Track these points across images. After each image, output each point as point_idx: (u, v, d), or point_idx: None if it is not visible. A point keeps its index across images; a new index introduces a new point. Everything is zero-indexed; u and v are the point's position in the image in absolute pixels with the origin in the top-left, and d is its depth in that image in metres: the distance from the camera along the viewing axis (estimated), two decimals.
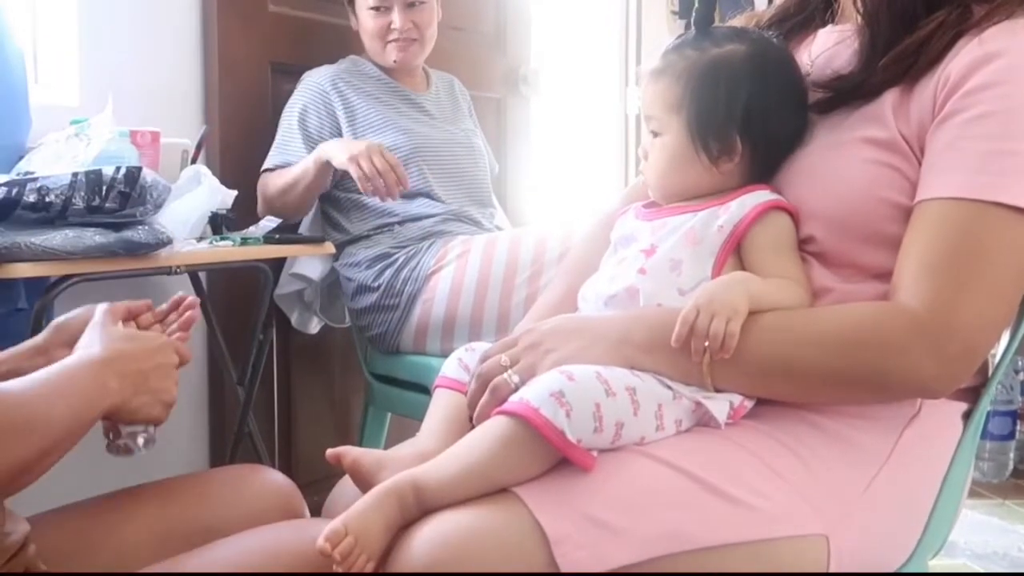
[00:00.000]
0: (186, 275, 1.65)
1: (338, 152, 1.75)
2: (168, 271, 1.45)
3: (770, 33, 0.97)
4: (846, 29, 0.97)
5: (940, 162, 0.84)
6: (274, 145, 1.90)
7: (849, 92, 0.91)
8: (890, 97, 0.88)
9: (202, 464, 1.94)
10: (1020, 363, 2.65)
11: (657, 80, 0.95)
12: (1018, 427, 2.62)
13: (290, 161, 1.86)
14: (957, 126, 0.84)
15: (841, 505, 0.85)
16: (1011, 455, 2.59)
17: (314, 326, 2.07)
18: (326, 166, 1.78)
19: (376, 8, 1.91)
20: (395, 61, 1.95)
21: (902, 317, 0.81)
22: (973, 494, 0.99)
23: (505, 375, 0.87)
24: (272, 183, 1.85)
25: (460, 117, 2.11)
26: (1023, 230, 0.82)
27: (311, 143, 1.87)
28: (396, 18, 1.91)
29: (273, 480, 0.98)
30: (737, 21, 1.07)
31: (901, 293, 0.83)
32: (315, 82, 1.91)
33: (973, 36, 0.86)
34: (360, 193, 1.88)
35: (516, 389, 0.84)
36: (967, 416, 0.96)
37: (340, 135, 1.89)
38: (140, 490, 0.94)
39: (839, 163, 0.90)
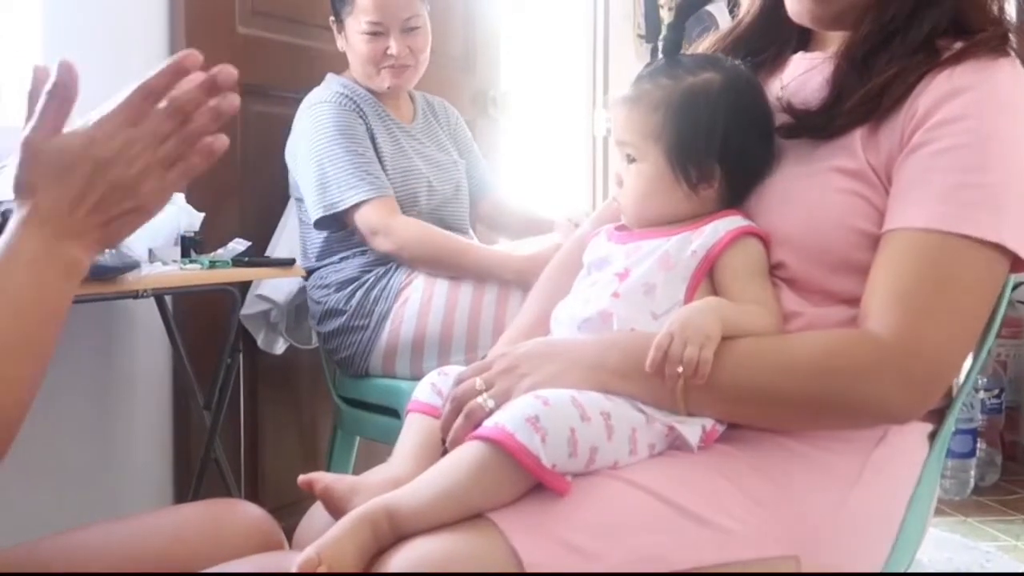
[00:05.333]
0: (152, 298, 1.63)
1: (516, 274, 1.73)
2: (134, 295, 1.43)
3: (739, 62, 0.99)
4: (816, 57, 0.99)
5: (908, 193, 0.86)
6: (353, 175, 1.78)
7: (815, 130, 0.93)
8: (859, 130, 0.90)
9: (167, 489, 1.91)
10: (980, 382, 2.70)
11: (632, 109, 0.95)
12: (979, 445, 2.67)
13: (388, 192, 1.80)
14: (925, 158, 0.86)
15: (812, 526, 0.85)
16: (972, 473, 2.63)
17: (280, 347, 2.05)
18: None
19: (372, 33, 1.85)
20: (389, 87, 1.90)
21: (871, 345, 0.83)
22: (936, 512, 1.00)
23: (480, 399, 0.87)
24: (435, 241, 1.79)
25: (446, 144, 2.06)
26: (987, 261, 0.84)
27: (376, 164, 1.83)
28: (393, 44, 1.85)
29: (251, 514, 0.93)
30: (706, 43, 1.09)
31: (870, 321, 0.84)
32: (339, 103, 1.83)
33: (940, 72, 0.88)
34: (346, 229, 1.85)
35: (491, 413, 0.84)
36: (932, 436, 0.98)
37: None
38: (109, 526, 0.89)
39: (810, 192, 0.91)
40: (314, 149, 1.80)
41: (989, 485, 2.70)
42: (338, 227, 1.84)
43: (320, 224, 1.83)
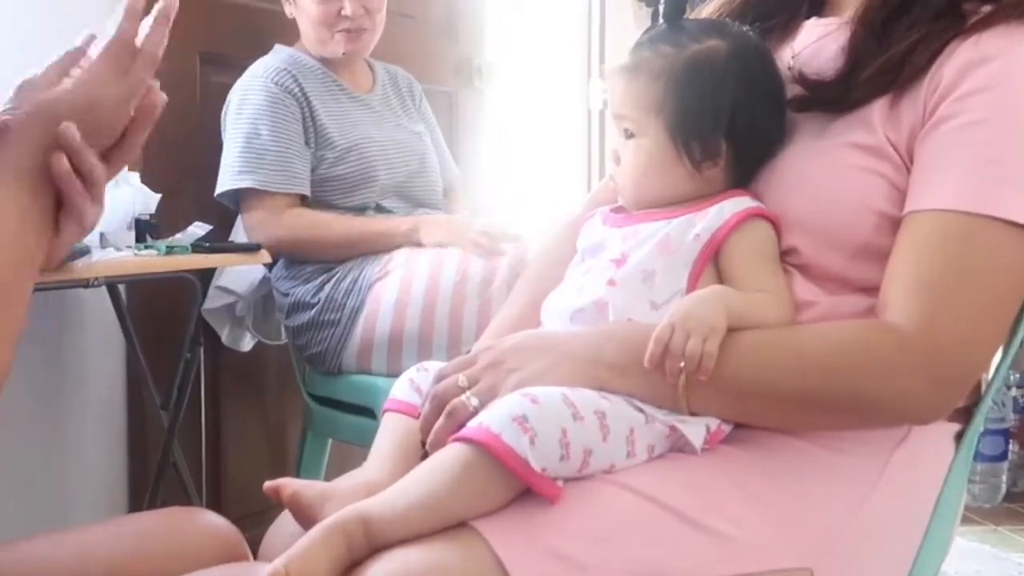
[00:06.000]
0: (104, 287, 1.63)
1: (441, 238, 1.80)
2: (85, 284, 1.43)
3: (747, 28, 0.99)
4: (831, 23, 1.00)
5: (931, 171, 0.87)
6: (264, 160, 1.82)
7: (829, 102, 0.93)
8: (877, 103, 0.91)
9: (121, 497, 1.91)
10: (1012, 378, 2.71)
11: (631, 79, 0.96)
12: (1011, 447, 2.68)
13: (285, 188, 1.83)
14: (949, 133, 0.86)
15: (826, 535, 0.86)
16: (1003, 477, 2.64)
17: (246, 343, 2.05)
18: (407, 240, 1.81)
19: None
20: (344, 53, 1.92)
21: (890, 337, 0.83)
22: (964, 520, 1.02)
23: (463, 397, 0.87)
24: (320, 226, 1.83)
25: (408, 116, 2.09)
26: (1017, 244, 0.84)
27: (306, 154, 1.85)
28: (347, 4, 1.88)
29: (212, 524, 0.94)
30: (711, 7, 1.09)
31: (889, 311, 0.85)
32: (274, 79, 1.86)
33: (966, 38, 0.88)
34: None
35: (475, 413, 0.84)
36: (959, 437, 0.99)
37: (307, 139, 1.87)
38: (58, 536, 0.90)
39: (825, 170, 0.91)
40: (232, 125, 1.87)
41: (1022, 491, 2.72)
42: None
43: (223, 200, 1.89)
